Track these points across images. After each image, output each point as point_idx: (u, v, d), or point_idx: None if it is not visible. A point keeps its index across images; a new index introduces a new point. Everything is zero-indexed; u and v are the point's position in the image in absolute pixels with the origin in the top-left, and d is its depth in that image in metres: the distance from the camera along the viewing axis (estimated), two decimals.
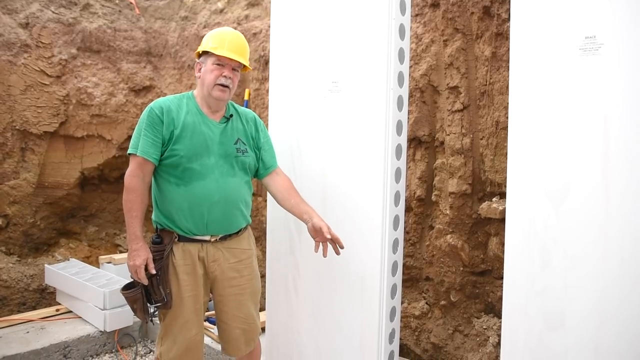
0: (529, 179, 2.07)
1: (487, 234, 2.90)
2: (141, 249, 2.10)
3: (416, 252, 3.17)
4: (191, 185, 2.14)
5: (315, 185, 2.62)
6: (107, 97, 4.23)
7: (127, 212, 2.13)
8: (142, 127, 2.15)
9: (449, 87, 3.02)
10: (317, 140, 2.61)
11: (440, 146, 3.09)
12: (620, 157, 1.86)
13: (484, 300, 2.94)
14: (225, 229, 2.23)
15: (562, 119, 1.98)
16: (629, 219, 1.85)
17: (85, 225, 4.41)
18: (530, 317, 2.08)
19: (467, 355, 2.91)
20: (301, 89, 2.66)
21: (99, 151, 4.26)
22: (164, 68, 4.50)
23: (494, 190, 2.87)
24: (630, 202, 1.84)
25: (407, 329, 3.15)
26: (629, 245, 1.85)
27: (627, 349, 1.88)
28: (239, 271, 2.29)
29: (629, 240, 1.85)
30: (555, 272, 2.01)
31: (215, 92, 2.17)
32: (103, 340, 3.35)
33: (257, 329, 2.39)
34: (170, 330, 2.21)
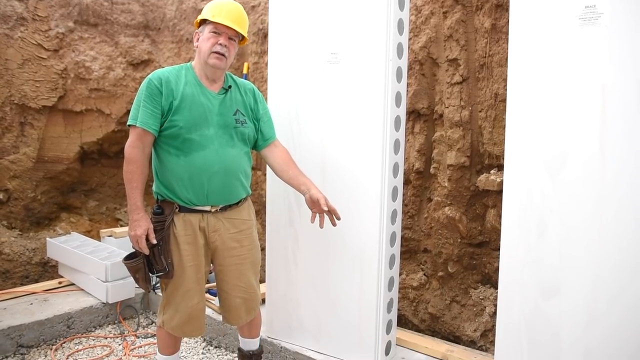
0: (526, 149, 2.08)
1: (484, 206, 2.92)
2: (142, 219, 2.12)
3: (414, 225, 3.20)
4: (191, 156, 2.15)
5: (315, 157, 2.64)
6: (105, 71, 4.21)
7: (128, 182, 2.14)
8: (141, 98, 2.15)
9: (448, 60, 3.01)
10: (316, 112, 2.62)
11: (439, 119, 3.10)
12: (617, 127, 1.87)
13: (481, 272, 2.98)
14: (225, 200, 2.25)
15: (561, 90, 1.99)
16: (625, 189, 1.87)
17: (85, 200, 4.43)
18: (525, 285, 2.12)
19: (463, 325, 2.96)
20: (300, 61, 2.65)
21: (98, 125, 4.25)
22: (162, 42, 4.47)
23: (492, 163, 2.88)
24: (627, 171, 1.86)
25: (405, 299, 3.19)
26: (624, 214, 1.88)
27: (618, 314, 1.92)
28: (240, 241, 2.32)
29: (625, 209, 1.88)
30: (551, 241, 2.04)
31: (211, 59, 2.17)
32: (105, 311, 3.39)
33: (258, 298, 2.43)
34: (173, 299, 2.25)
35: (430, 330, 3.11)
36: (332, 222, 2.26)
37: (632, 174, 1.85)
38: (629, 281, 1.89)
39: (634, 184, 1.85)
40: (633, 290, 1.88)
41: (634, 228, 1.86)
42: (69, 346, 3.12)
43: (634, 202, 1.86)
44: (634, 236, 1.86)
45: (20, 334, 3.00)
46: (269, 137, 2.39)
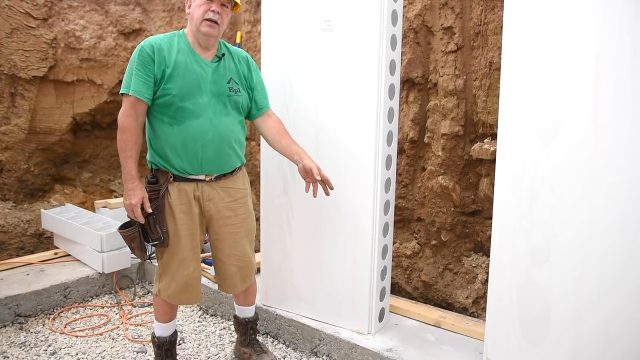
0: (520, 118, 2.08)
1: (478, 175, 2.94)
2: (137, 188, 2.12)
3: (408, 194, 3.22)
4: (185, 125, 2.14)
5: (308, 125, 2.63)
6: (96, 41, 4.14)
7: (122, 151, 2.14)
8: (134, 66, 2.13)
9: (443, 28, 2.98)
10: (310, 80, 2.60)
11: (434, 88, 3.09)
12: (611, 96, 1.87)
13: (474, 240, 3.01)
14: (219, 168, 2.25)
15: (555, 58, 1.98)
16: (617, 157, 1.88)
17: (79, 172, 4.41)
18: (517, 252, 2.15)
19: (456, 292, 3.01)
20: (293, 29, 2.62)
21: (90, 96, 4.20)
22: (154, 10, 4.39)
23: (486, 132, 2.89)
24: (619, 140, 1.87)
25: (398, 268, 3.23)
26: (616, 183, 1.89)
27: (607, 280, 1.95)
28: (234, 210, 2.33)
29: (616, 178, 1.89)
30: (543, 209, 2.06)
31: (203, 27, 2.15)
32: (102, 281, 3.42)
33: (253, 266, 2.46)
34: (169, 267, 2.27)
35: (423, 297, 3.16)
36: (325, 192, 2.27)
37: (624, 142, 1.86)
38: (618, 249, 1.92)
39: (627, 152, 1.86)
40: (622, 258, 1.91)
41: (625, 197, 1.88)
42: (66, 315, 3.16)
43: (626, 171, 1.87)
44: (625, 205, 1.88)
45: (17, 304, 3.03)
46: (262, 107, 2.38)
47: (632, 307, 1.91)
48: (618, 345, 1.96)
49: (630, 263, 1.90)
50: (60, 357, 2.69)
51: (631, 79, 1.82)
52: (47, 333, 2.93)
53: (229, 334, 2.95)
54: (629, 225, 1.89)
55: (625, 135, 1.86)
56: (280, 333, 2.84)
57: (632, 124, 1.84)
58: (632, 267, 1.90)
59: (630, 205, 1.87)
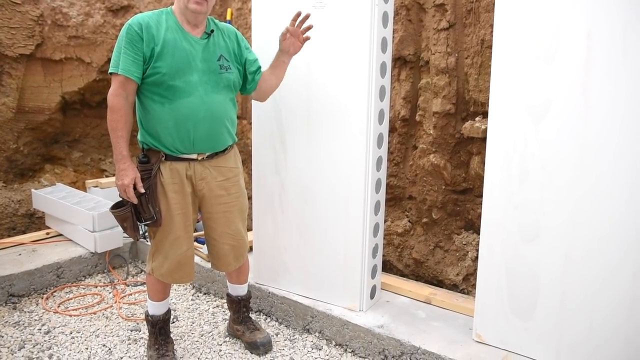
0: (511, 96, 2.09)
1: (469, 153, 2.95)
2: (129, 169, 2.12)
3: (400, 172, 3.23)
4: (176, 103, 2.13)
5: (300, 102, 2.62)
6: (83, 18, 4.07)
7: (112, 131, 2.12)
8: (122, 45, 2.10)
9: (435, 5, 2.96)
10: (301, 58, 2.57)
11: (425, 66, 3.08)
12: (601, 75, 1.88)
13: (465, 218, 3.04)
14: (211, 147, 2.25)
15: (546, 36, 1.98)
16: (607, 136, 1.90)
17: (69, 151, 4.38)
18: (507, 229, 2.17)
19: (446, 270, 3.04)
20: (284, 6, 2.59)
21: (79, 75, 4.15)
22: None
23: (477, 110, 2.89)
24: (609, 120, 1.88)
25: (390, 245, 3.26)
26: (604, 161, 1.91)
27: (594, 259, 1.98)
28: (227, 189, 2.33)
29: (605, 157, 1.91)
30: (533, 187, 2.08)
31: (191, 4, 2.12)
32: (94, 261, 3.43)
33: (246, 245, 2.47)
34: (162, 246, 2.27)
35: (414, 275, 3.19)
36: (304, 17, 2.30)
37: (614, 121, 1.87)
38: (606, 228, 1.95)
39: (615, 131, 1.88)
40: (610, 237, 1.94)
41: (613, 176, 1.90)
42: (59, 295, 3.17)
43: (614, 150, 1.89)
44: (613, 184, 1.90)
45: (10, 284, 3.03)
46: (258, 78, 2.39)
47: (618, 285, 1.95)
48: (603, 322, 2.00)
49: (618, 242, 1.93)
50: (55, 335, 2.71)
51: (622, 59, 1.83)
52: (41, 312, 2.94)
53: (222, 311, 2.98)
54: (618, 204, 1.91)
55: (615, 115, 1.87)
56: (273, 310, 2.87)
57: (622, 104, 1.85)
58: (620, 245, 1.93)
59: (620, 185, 1.90)
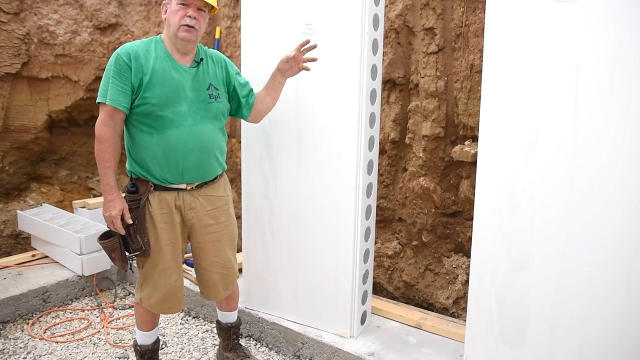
0: (500, 126, 2.09)
1: (458, 176, 2.96)
2: (116, 200, 2.09)
3: (389, 194, 3.23)
4: (164, 134, 2.11)
5: (290, 130, 2.61)
6: (70, 36, 4.04)
7: (100, 162, 2.10)
8: (110, 74, 2.08)
9: (425, 29, 2.97)
10: (291, 84, 2.57)
11: (415, 89, 3.09)
12: (590, 108, 1.89)
13: (454, 240, 3.05)
14: (201, 177, 2.23)
15: (536, 66, 1.99)
16: (595, 169, 1.90)
17: (56, 169, 4.33)
18: (497, 258, 2.17)
19: (436, 293, 3.04)
20: (274, 31, 2.59)
21: (66, 93, 4.11)
22: (130, 4, 4.29)
23: (467, 134, 2.90)
24: (597, 153, 1.89)
25: (380, 268, 3.26)
26: (592, 194, 1.92)
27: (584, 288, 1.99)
28: (216, 218, 2.31)
29: (593, 190, 1.92)
30: (523, 217, 2.09)
31: (181, 33, 2.11)
32: (82, 284, 3.38)
33: (235, 273, 2.45)
34: (150, 277, 2.25)
35: (404, 297, 3.19)
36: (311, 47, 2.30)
37: (602, 155, 1.88)
38: (594, 258, 1.95)
39: (604, 165, 1.89)
40: (599, 266, 1.95)
41: (602, 208, 1.91)
42: (45, 320, 3.12)
43: (602, 183, 1.90)
44: (603, 215, 1.91)
45: None
46: (252, 102, 2.39)
47: (608, 314, 1.96)
48: (593, 351, 2.01)
49: (608, 272, 1.94)
50: None
51: (610, 91, 1.84)
52: (27, 339, 2.89)
53: (211, 336, 2.95)
54: (608, 235, 1.92)
55: (604, 146, 1.88)
56: (263, 336, 2.85)
57: (610, 136, 1.86)
58: (610, 275, 1.94)
59: (609, 216, 1.91)
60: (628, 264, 1.90)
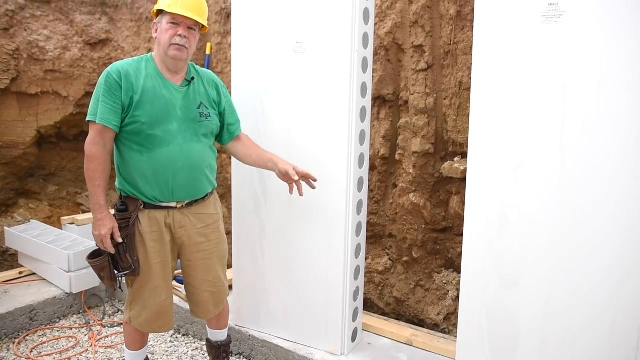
0: (489, 143, 2.11)
1: (448, 192, 2.97)
2: (106, 218, 2.08)
3: (380, 210, 3.24)
4: (154, 152, 2.10)
5: (280, 147, 2.61)
6: (60, 52, 4.04)
7: (90, 180, 2.09)
8: (100, 93, 2.08)
9: (414, 46, 3.00)
10: (282, 102, 2.59)
11: (405, 105, 3.11)
12: (577, 127, 1.91)
13: (445, 256, 3.05)
14: (191, 195, 2.22)
15: (523, 85, 2.01)
16: (583, 186, 1.93)
17: (44, 185, 4.30)
18: (487, 276, 2.18)
19: (427, 309, 3.04)
20: (265, 49, 2.60)
21: (55, 108, 4.09)
22: (121, 20, 4.30)
23: (456, 150, 2.92)
24: (585, 171, 1.92)
25: (371, 284, 3.25)
26: (580, 212, 1.94)
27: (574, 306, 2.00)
28: (206, 236, 2.30)
29: (581, 208, 1.94)
30: (512, 234, 2.10)
31: (171, 51, 2.11)
32: (70, 302, 3.35)
33: (226, 291, 2.43)
34: (140, 296, 2.23)
35: (395, 313, 3.19)
36: (310, 185, 2.31)
37: (589, 173, 1.91)
38: (583, 275, 1.97)
39: (591, 182, 1.91)
40: (589, 284, 1.96)
41: (590, 225, 1.93)
42: (32, 339, 3.08)
43: (590, 201, 1.92)
44: (591, 232, 1.93)
45: None
46: (234, 131, 2.37)
47: (598, 331, 1.97)
48: None
49: (597, 289, 1.95)
50: None
51: (596, 110, 1.87)
52: (13, 359, 2.85)
53: (201, 354, 2.93)
54: (596, 253, 1.94)
55: (590, 165, 1.91)
56: (254, 354, 2.83)
57: (597, 154, 1.89)
58: (599, 293, 1.95)
59: (597, 233, 1.93)
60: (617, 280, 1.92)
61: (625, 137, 1.84)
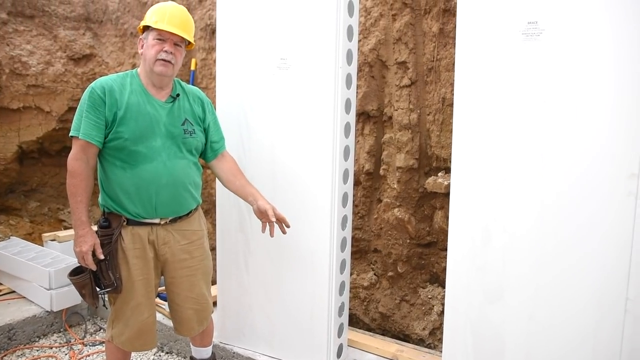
0: (472, 158, 2.14)
1: (432, 207, 2.99)
2: (87, 235, 2.05)
3: (365, 225, 3.25)
4: (138, 169, 2.09)
5: (265, 163, 2.62)
6: (43, 67, 4.01)
7: (72, 196, 2.06)
8: (84, 108, 2.07)
9: (397, 62, 3.04)
10: (266, 117, 2.59)
11: (389, 121, 3.14)
12: (558, 140, 1.94)
13: (429, 271, 3.06)
14: (174, 212, 2.21)
15: (505, 100, 2.04)
16: (564, 199, 1.95)
17: (26, 201, 4.24)
18: (471, 291, 2.19)
19: (412, 324, 3.04)
20: (249, 65, 2.61)
21: (38, 124, 4.06)
22: (105, 35, 4.29)
23: (440, 165, 2.95)
24: (566, 183, 1.95)
25: (356, 299, 3.25)
26: (563, 226, 1.96)
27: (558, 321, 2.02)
28: (190, 253, 2.28)
29: (564, 221, 1.96)
30: (495, 249, 2.12)
31: (157, 67, 2.11)
32: (50, 320, 3.28)
33: (210, 308, 2.41)
34: (122, 313, 2.20)
35: (380, 329, 3.18)
36: (282, 230, 2.28)
37: (571, 187, 1.94)
38: (567, 288, 1.99)
39: (574, 197, 1.94)
40: (572, 298, 1.98)
41: (573, 238, 1.95)
42: (10, 359, 3.01)
43: (573, 214, 1.94)
44: (573, 246, 1.95)
45: None
46: (217, 149, 2.36)
47: (581, 345, 1.98)
48: None
49: (580, 303, 1.97)
50: None
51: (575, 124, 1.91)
52: None
53: None
54: (578, 266, 1.96)
55: (572, 178, 1.93)
56: None
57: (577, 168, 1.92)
58: (582, 306, 1.97)
59: (579, 247, 1.95)
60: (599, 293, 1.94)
61: (605, 151, 1.87)
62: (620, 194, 1.86)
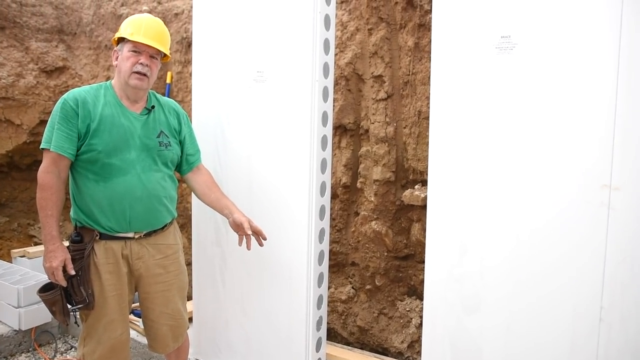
0: (448, 170, 2.16)
1: (409, 220, 3.00)
2: (58, 250, 2.00)
3: (342, 238, 3.24)
4: (111, 182, 2.05)
5: (242, 176, 2.60)
6: (14, 79, 3.93)
7: (42, 210, 2.01)
8: (56, 120, 2.02)
9: (374, 76, 3.06)
10: (243, 130, 2.58)
11: (365, 134, 3.15)
12: (532, 151, 1.97)
13: (407, 284, 3.06)
14: (149, 225, 2.17)
15: (480, 113, 2.07)
16: (540, 211, 1.98)
17: None
18: (449, 302, 2.20)
19: (391, 337, 3.03)
20: (226, 77, 2.61)
21: (8, 137, 3.97)
22: (79, 48, 4.24)
23: (417, 178, 2.97)
24: (540, 195, 1.97)
25: (334, 313, 3.22)
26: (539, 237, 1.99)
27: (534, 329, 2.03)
28: (165, 267, 2.24)
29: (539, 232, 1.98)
30: (472, 260, 2.13)
31: (132, 80, 2.08)
32: (18, 339, 3.18)
33: (185, 324, 2.36)
34: (94, 330, 2.13)
35: (359, 342, 3.16)
36: (259, 243, 2.26)
37: (545, 198, 1.96)
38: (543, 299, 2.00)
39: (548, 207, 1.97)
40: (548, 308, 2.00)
41: (549, 249, 1.97)
42: None
43: (548, 225, 1.97)
44: (548, 257, 1.98)
45: None
46: (193, 162, 2.34)
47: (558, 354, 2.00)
48: None
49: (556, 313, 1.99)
50: None
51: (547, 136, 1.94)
52: None
53: None
54: (554, 277, 1.98)
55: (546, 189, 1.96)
56: None
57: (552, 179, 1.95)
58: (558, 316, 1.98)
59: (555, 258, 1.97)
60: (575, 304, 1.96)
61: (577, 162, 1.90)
62: (593, 197, 1.89)
